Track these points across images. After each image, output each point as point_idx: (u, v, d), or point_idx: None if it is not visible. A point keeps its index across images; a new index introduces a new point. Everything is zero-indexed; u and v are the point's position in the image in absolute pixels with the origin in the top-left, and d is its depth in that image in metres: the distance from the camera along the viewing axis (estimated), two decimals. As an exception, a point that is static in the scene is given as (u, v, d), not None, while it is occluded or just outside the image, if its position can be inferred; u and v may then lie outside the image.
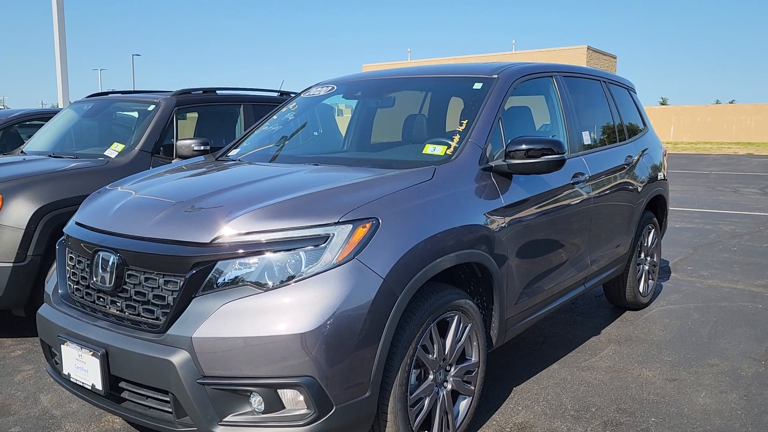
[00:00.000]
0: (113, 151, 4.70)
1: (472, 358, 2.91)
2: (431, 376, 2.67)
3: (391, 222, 2.45)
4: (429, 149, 3.07)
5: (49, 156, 4.85)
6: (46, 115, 7.07)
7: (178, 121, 5.06)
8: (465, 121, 3.14)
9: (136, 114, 5.14)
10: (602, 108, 4.50)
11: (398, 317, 2.40)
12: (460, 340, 2.80)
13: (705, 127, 38.47)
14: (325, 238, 2.31)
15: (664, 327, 4.51)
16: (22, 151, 5.27)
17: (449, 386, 2.79)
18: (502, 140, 3.20)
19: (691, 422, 3.11)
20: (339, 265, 2.28)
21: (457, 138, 3.06)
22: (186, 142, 4.46)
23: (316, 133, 4.42)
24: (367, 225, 2.38)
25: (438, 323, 2.67)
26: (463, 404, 2.91)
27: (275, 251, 2.29)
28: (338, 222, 2.34)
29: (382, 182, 2.66)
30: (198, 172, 3.20)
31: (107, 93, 5.82)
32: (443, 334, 2.73)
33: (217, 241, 2.31)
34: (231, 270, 2.29)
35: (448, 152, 3.00)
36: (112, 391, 2.44)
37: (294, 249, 2.29)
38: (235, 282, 2.28)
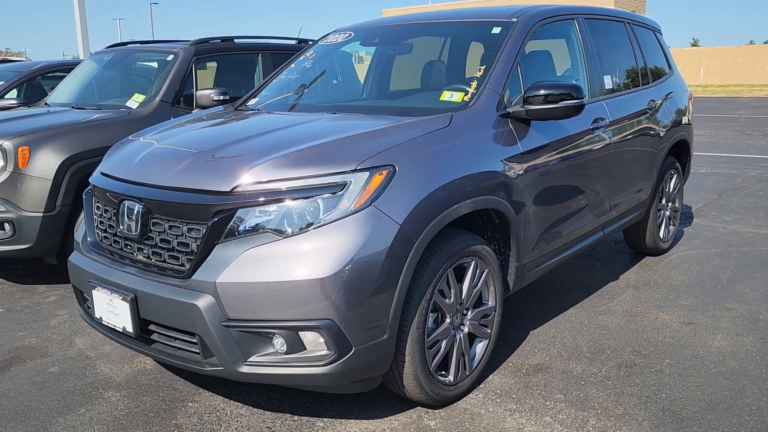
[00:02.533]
0: (134, 102, 4.75)
1: (489, 303, 2.97)
2: (448, 320, 2.74)
3: (407, 169, 2.47)
4: (446, 96, 3.06)
5: (73, 107, 4.92)
6: (67, 67, 7.11)
7: (198, 70, 5.07)
8: (483, 67, 3.12)
9: (155, 64, 5.16)
10: (625, 51, 4.40)
11: (415, 263, 2.45)
12: (477, 285, 2.86)
13: (737, 69, 37.28)
14: (343, 186, 2.35)
15: (684, 272, 4.52)
16: (45, 103, 5.34)
17: (466, 329, 2.86)
18: (520, 86, 3.17)
19: (705, 364, 3.16)
20: (356, 212, 2.33)
21: (474, 84, 3.05)
22: (205, 92, 4.49)
23: (335, 81, 4.41)
24: (384, 172, 2.41)
25: (455, 269, 2.72)
26: (480, 346, 2.98)
27: (294, 199, 2.34)
28: (355, 170, 2.38)
29: (398, 130, 2.68)
30: (218, 121, 3.24)
31: (126, 43, 5.84)
32: (460, 279, 2.78)
33: (237, 189, 2.37)
34: (251, 217, 2.35)
35: (465, 99, 2.99)
36: (143, 333, 2.55)
37: (312, 197, 2.34)
38: (256, 229, 2.34)
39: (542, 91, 2.96)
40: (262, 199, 2.35)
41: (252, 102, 3.76)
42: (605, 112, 3.75)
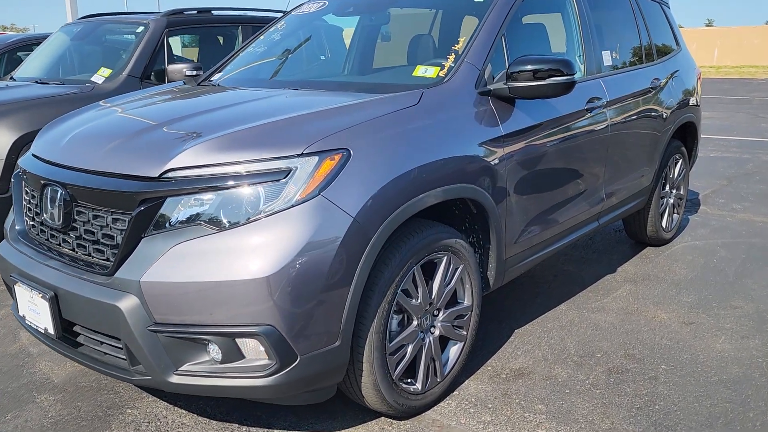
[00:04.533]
0: (100, 76, 4.45)
1: (465, 302, 2.67)
2: (415, 322, 2.44)
3: (364, 153, 2.16)
4: (420, 71, 2.73)
5: (36, 82, 4.62)
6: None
7: (170, 43, 4.74)
8: (462, 39, 2.78)
9: (124, 37, 4.84)
10: (628, 25, 4.03)
11: (372, 260, 2.15)
12: (450, 282, 2.56)
13: (752, 50, 36.38)
14: (287, 172, 2.04)
15: (687, 265, 4.20)
16: (11, 77, 5.04)
17: (437, 332, 2.56)
18: (505, 61, 2.84)
19: (705, 371, 2.86)
20: (302, 203, 2.02)
21: (452, 58, 2.71)
22: (177, 66, 4.17)
23: (322, 57, 4.09)
24: (336, 157, 2.10)
25: (424, 265, 2.42)
26: (454, 350, 2.69)
27: (231, 187, 2.04)
28: (302, 153, 2.07)
29: (357, 108, 2.36)
30: (167, 98, 2.93)
31: (98, 15, 5.51)
32: (431, 277, 2.48)
33: (167, 174, 2.06)
34: (182, 207, 2.05)
35: (440, 74, 2.66)
36: (68, 335, 2.28)
37: (252, 184, 2.04)
38: (188, 221, 2.04)
39: (528, 66, 2.63)
40: (194, 186, 2.04)
41: (216, 77, 3.44)
42: (602, 91, 3.40)
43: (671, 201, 4.59)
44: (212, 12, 5.16)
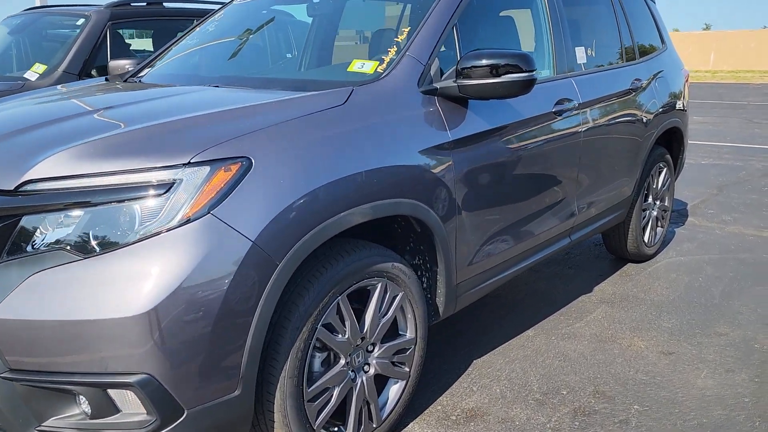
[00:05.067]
0: (33, 72, 4.08)
1: (407, 334, 2.32)
2: (343, 361, 2.08)
3: (270, 162, 1.80)
4: (356, 66, 2.37)
5: (-33, 78, 4.24)
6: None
7: (121, 36, 4.38)
8: (407, 29, 2.42)
9: (64, 30, 4.46)
10: (607, 20, 3.68)
11: (279, 291, 1.79)
12: (386, 313, 2.20)
13: (748, 54, 36.13)
14: (170, 186, 1.68)
15: (670, 284, 3.84)
16: (-54, 74, 4.66)
17: (372, 370, 2.20)
18: (457, 56, 2.48)
19: (683, 412, 2.50)
20: (187, 223, 1.66)
21: (393, 51, 2.35)
22: (119, 62, 3.78)
23: (268, 50, 3.72)
24: (233, 167, 1.74)
25: (352, 294, 2.06)
26: (394, 390, 2.33)
27: (100, 203, 1.67)
28: (189, 163, 1.70)
29: (266, 110, 2.00)
30: (64, 96, 2.56)
31: (43, 6, 5.14)
32: (364, 306, 2.13)
33: (23, 188, 1.70)
34: (42, 228, 1.68)
35: (379, 69, 2.30)
36: None
37: (126, 200, 1.67)
38: (49, 244, 1.68)
39: (481, 61, 2.27)
40: (56, 202, 1.68)
41: (144, 72, 3.07)
42: (574, 92, 3.05)
43: (654, 213, 4.24)
44: (163, 4, 4.79)
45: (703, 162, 7.87)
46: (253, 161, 1.76)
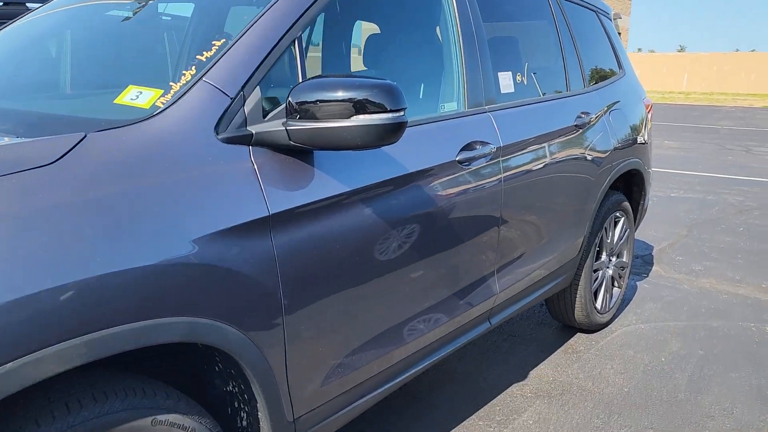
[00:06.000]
0: None
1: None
2: None
3: None
4: (129, 96, 1.55)
5: None
6: None
7: None
8: (218, 43, 1.63)
9: None
10: (545, 37, 2.94)
11: None
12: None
13: (721, 77, 36.22)
14: None
15: (625, 366, 3.08)
16: None
17: None
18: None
19: None
20: None
21: (189, 74, 1.55)
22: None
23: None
24: None
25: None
26: None
27: None
28: None
29: None
30: None
31: None
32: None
33: None
34: None
35: (159, 103, 1.49)
36: None
37: None
38: None
39: (324, 94, 1.49)
40: None
41: None
42: (492, 132, 2.28)
43: (609, 272, 3.49)
44: (26, 4, 3.95)
45: (673, 195, 7.20)
46: None
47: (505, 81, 2.48)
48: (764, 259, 4.83)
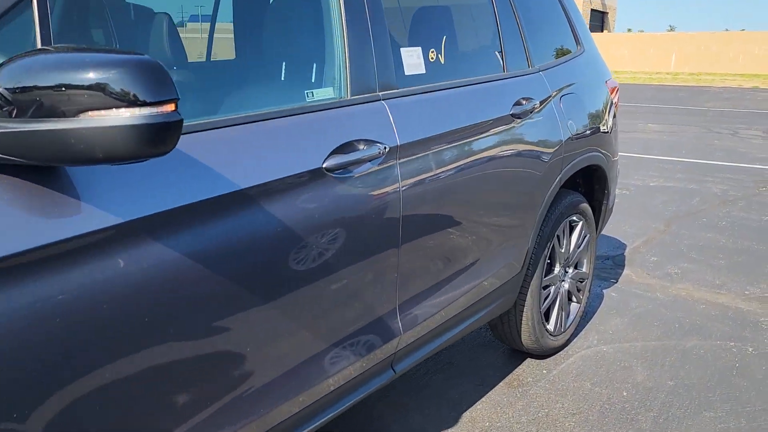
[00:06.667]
0: None
1: None
2: None
3: None
4: None
5: None
6: None
7: None
8: None
9: None
10: (474, 6, 2.37)
11: None
12: None
13: (710, 57, 35.65)
14: None
15: (578, 405, 2.56)
16: None
17: None
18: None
19: None
20: None
21: None
22: None
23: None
24: None
25: None
26: None
27: None
28: None
29: None
30: None
31: None
32: None
33: None
34: None
35: None
36: None
37: None
38: None
39: (35, 79, 0.93)
40: None
41: None
42: (387, 127, 1.72)
43: (565, 287, 2.96)
44: None
45: (652, 184, 6.68)
46: None
47: (412, 59, 1.92)
48: (748, 259, 4.32)
